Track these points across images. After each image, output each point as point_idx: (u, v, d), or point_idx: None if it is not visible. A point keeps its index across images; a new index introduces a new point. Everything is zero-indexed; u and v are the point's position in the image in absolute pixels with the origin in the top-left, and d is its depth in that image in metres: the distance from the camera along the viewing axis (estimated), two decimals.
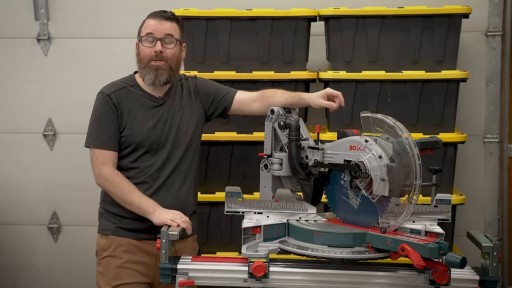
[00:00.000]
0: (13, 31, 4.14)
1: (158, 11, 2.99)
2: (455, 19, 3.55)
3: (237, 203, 2.55)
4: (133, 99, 2.95)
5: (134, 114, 2.93)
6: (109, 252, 2.95)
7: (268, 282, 2.31)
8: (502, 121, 4.00)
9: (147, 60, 2.92)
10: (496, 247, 2.35)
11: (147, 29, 2.94)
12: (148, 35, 2.92)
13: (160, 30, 2.92)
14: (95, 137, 2.93)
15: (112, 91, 2.95)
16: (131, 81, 3.01)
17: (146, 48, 2.92)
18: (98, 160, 2.92)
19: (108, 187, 2.90)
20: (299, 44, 3.61)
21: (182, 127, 2.99)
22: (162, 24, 2.93)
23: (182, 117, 3.00)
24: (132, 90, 2.97)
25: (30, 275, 4.32)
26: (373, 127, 2.34)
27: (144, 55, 2.93)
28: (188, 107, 3.03)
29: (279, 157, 2.59)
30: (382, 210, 2.32)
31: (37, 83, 4.16)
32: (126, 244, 2.93)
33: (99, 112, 2.95)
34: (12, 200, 4.25)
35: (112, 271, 2.93)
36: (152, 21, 2.94)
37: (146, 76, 2.93)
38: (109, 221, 2.98)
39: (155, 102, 2.97)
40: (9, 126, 4.21)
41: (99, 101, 2.96)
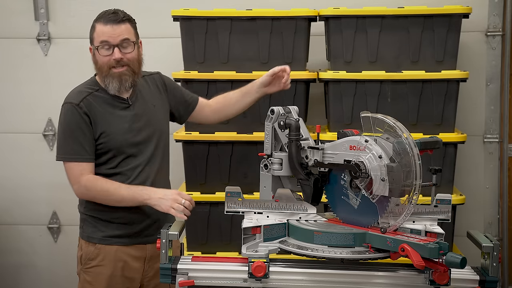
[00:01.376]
0: (13, 31, 4.14)
1: (108, 14, 2.86)
2: (455, 19, 3.55)
3: (237, 203, 2.54)
4: (102, 104, 2.87)
5: (106, 119, 2.85)
6: (98, 262, 2.91)
7: (268, 282, 2.31)
8: (502, 121, 4.00)
9: (107, 68, 2.84)
10: (496, 247, 2.34)
11: (100, 36, 2.82)
12: (103, 43, 2.82)
13: (115, 36, 2.81)
14: (68, 150, 2.83)
15: (80, 99, 2.84)
16: (94, 85, 2.92)
17: (104, 57, 2.83)
18: (75, 173, 2.83)
19: (92, 195, 2.83)
20: (299, 44, 3.61)
21: (158, 124, 2.98)
22: (115, 29, 2.82)
23: (156, 114, 2.98)
24: (98, 95, 2.88)
25: (30, 275, 4.32)
26: (373, 127, 2.33)
27: (102, 63, 2.84)
28: (158, 103, 3.02)
29: (279, 157, 2.59)
30: (382, 210, 2.32)
31: (37, 83, 4.16)
32: (114, 252, 2.90)
33: (69, 124, 2.83)
34: (12, 200, 4.25)
35: (104, 281, 2.90)
36: (104, 28, 2.82)
37: (110, 84, 2.84)
38: (95, 228, 2.92)
39: (124, 104, 2.91)
40: (9, 126, 4.21)
41: (67, 112, 2.84)
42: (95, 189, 2.81)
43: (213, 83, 3.59)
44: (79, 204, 3.00)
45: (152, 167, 2.93)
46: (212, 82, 3.59)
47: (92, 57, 2.90)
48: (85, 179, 2.81)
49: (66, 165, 2.87)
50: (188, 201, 2.75)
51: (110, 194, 2.81)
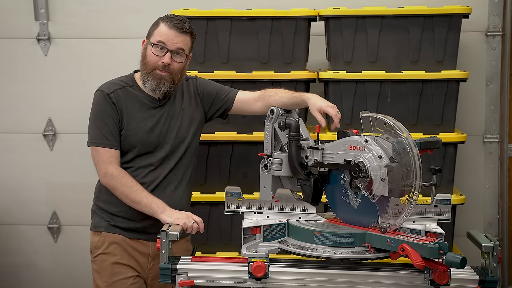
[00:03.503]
0: (13, 31, 4.14)
1: (177, 20, 2.88)
2: (455, 19, 3.55)
3: (237, 203, 2.55)
4: (132, 100, 2.91)
5: (132, 115, 2.90)
6: (103, 249, 2.94)
7: (268, 282, 2.31)
8: (502, 121, 4.00)
9: (152, 67, 2.86)
10: (496, 247, 2.35)
11: (160, 36, 2.85)
12: (160, 43, 2.84)
13: (173, 42, 2.85)
14: (99, 136, 2.88)
15: (111, 90, 2.90)
16: (130, 81, 2.96)
17: (155, 56, 2.85)
18: (104, 159, 2.86)
19: (115, 185, 2.85)
20: (299, 44, 3.61)
21: (182, 130, 2.97)
22: (177, 36, 2.85)
23: (182, 119, 2.98)
24: (130, 90, 2.93)
25: (30, 275, 4.32)
26: (373, 127, 2.34)
27: (150, 61, 2.87)
28: (188, 109, 3.01)
29: (279, 157, 2.59)
30: (382, 210, 2.32)
31: (37, 83, 4.16)
32: (119, 240, 2.92)
33: (99, 111, 2.89)
34: (12, 200, 4.25)
35: (108, 267, 2.92)
36: (167, 30, 2.85)
37: (148, 82, 2.88)
38: (101, 218, 2.96)
39: (154, 104, 2.94)
40: (9, 126, 4.21)
41: (98, 99, 2.91)
42: (119, 182, 2.83)
43: None
44: (94, 196, 3.05)
45: (164, 169, 2.94)
46: None
47: (143, 50, 2.92)
48: (115, 167, 2.85)
49: (94, 150, 2.89)
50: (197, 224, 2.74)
51: (131, 192, 2.82)
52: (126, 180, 2.83)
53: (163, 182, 2.93)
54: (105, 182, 2.88)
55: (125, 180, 2.83)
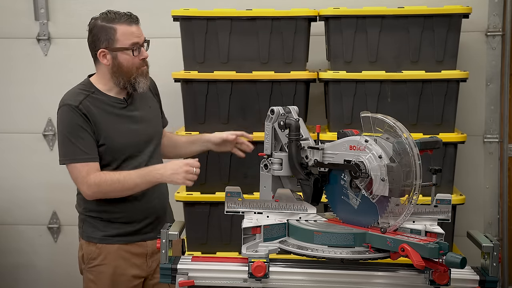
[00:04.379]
0: (13, 31, 4.14)
1: (125, 15, 2.85)
2: (455, 19, 3.56)
3: (237, 203, 2.54)
4: (99, 106, 2.84)
5: (105, 121, 2.83)
6: (100, 261, 2.91)
7: (268, 282, 2.31)
8: (502, 121, 4.00)
9: (136, 69, 2.84)
10: (496, 247, 2.34)
11: (131, 38, 2.81)
12: (135, 44, 2.82)
13: (141, 36, 2.86)
14: (75, 151, 2.78)
15: (79, 101, 2.80)
16: (89, 87, 2.89)
17: (134, 58, 2.82)
18: (82, 174, 2.78)
19: (104, 190, 2.78)
20: (299, 44, 3.61)
21: (155, 125, 3.02)
22: (138, 29, 2.87)
23: (152, 114, 3.01)
24: (95, 97, 2.86)
25: (30, 275, 4.32)
26: (373, 127, 2.33)
27: (132, 65, 2.83)
28: (153, 105, 3.05)
29: (279, 157, 2.59)
30: (382, 210, 2.32)
31: (37, 83, 4.16)
32: (115, 250, 2.90)
33: (71, 125, 2.78)
34: (12, 200, 4.25)
35: (107, 279, 2.91)
36: (131, 28, 2.82)
37: (139, 84, 2.84)
38: (95, 228, 2.91)
39: (121, 104, 2.90)
40: (9, 126, 4.21)
41: (67, 114, 2.79)
42: (105, 183, 2.76)
43: (213, 83, 3.60)
44: (77, 205, 2.99)
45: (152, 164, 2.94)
46: (212, 82, 3.59)
47: (110, 61, 2.83)
48: (93, 176, 2.76)
49: (71, 167, 2.81)
50: (198, 168, 2.76)
51: (122, 183, 2.77)
52: (110, 177, 2.77)
53: None
54: (93, 195, 2.80)
55: (110, 179, 2.77)
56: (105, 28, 2.83)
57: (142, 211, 2.91)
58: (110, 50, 2.83)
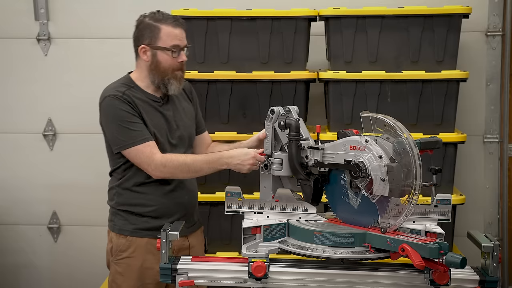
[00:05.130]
0: (13, 31, 4.14)
1: (173, 17, 2.89)
2: (455, 19, 3.56)
3: (237, 203, 2.54)
4: (140, 100, 2.90)
5: (146, 113, 2.88)
6: (129, 253, 2.93)
7: (268, 282, 2.31)
8: (502, 121, 4.00)
9: (171, 71, 2.88)
10: (496, 247, 2.34)
11: (173, 39, 2.85)
12: (176, 46, 2.86)
13: (183, 40, 2.89)
14: (132, 135, 2.81)
15: (122, 92, 2.85)
16: (129, 82, 2.94)
17: (172, 59, 2.86)
18: (147, 154, 2.80)
19: (170, 171, 2.81)
20: (299, 44, 3.61)
21: (188, 128, 3.02)
22: (182, 33, 2.89)
23: (186, 118, 3.02)
24: (133, 91, 2.91)
25: (30, 275, 4.32)
26: (373, 127, 2.33)
27: (169, 66, 2.87)
28: (187, 109, 3.05)
29: (279, 157, 2.59)
30: (382, 210, 2.32)
31: (37, 83, 4.16)
32: (145, 244, 2.92)
33: (120, 113, 2.82)
34: (12, 200, 4.25)
35: (135, 272, 2.92)
36: (175, 31, 2.86)
37: (171, 85, 2.88)
38: (126, 221, 2.94)
39: (157, 103, 2.94)
40: (9, 126, 4.21)
41: (113, 103, 2.83)
42: (172, 164, 2.80)
43: (213, 83, 3.60)
44: (109, 200, 3.03)
45: None
46: (212, 82, 3.60)
47: (150, 57, 2.88)
48: (160, 156, 2.80)
49: (134, 151, 2.82)
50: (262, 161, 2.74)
51: (188, 166, 2.81)
52: (177, 159, 2.81)
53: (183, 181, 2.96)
54: (160, 174, 2.83)
55: (176, 161, 2.81)
56: (151, 26, 2.88)
57: (172, 206, 2.93)
58: (151, 48, 2.88)
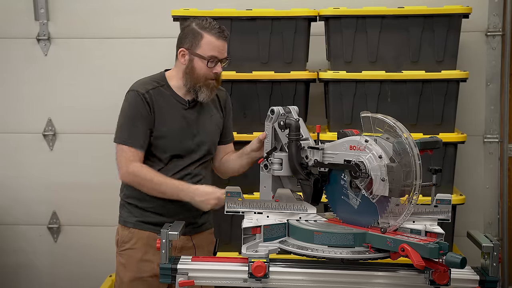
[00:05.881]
0: (13, 31, 4.14)
1: (217, 28, 2.90)
2: (455, 19, 3.56)
3: (237, 203, 2.54)
4: (163, 100, 2.93)
5: (163, 115, 2.92)
6: (131, 245, 2.98)
7: (268, 282, 2.31)
8: (502, 121, 4.00)
9: (204, 79, 2.90)
10: (496, 247, 2.34)
11: (213, 50, 2.88)
12: (214, 58, 2.88)
13: (223, 52, 2.91)
14: (127, 135, 2.90)
15: (146, 90, 2.90)
16: (161, 80, 2.97)
17: (208, 68, 2.88)
18: (127, 156, 2.89)
19: (137, 181, 2.89)
20: (299, 44, 3.61)
21: (212, 134, 3.03)
22: (224, 46, 2.92)
23: (211, 124, 3.03)
24: (162, 90, 2.94)
25: (30, 275, 4.32)
26: (373, 127, 2.33)
27: (203, 74, 2.89)
28: (215, 115, 3.06)
29: (279, 157, 2.59)
30: (382, 210, 2.32)
31: (37, 83, 4.16)
32: (146, 237, 2.96)
33: (131, 111, 2.90)
34: (12, 200, 4.25)
35: (134, 264, 2.96)
36: (217, 42, 2.89)
37: (202, 93, 2.91)
38: (130, 213, 2.99)
39: (183, 105, 2.96)
40: (9, 126, 4.21)
41: (132, 99, 2.90)
42: (140, 177, 2.87)
43: None
44: (120, 192, 3.07)
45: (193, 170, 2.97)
46: None
47: (187, 62, 2.91)
48: (134, 165, 2.88)
49: (120, 148, 2.91)
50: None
51: (153, 185, 2.87)
52: (148, 174, 2.87)
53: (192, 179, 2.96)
54: (127, 180, 2.92)
55: (147, 175, 2.87)
56: (195, 31, 2.90)
57: (175, 207, 2.94)
58: (190, 53, 2.90)
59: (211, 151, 3.05)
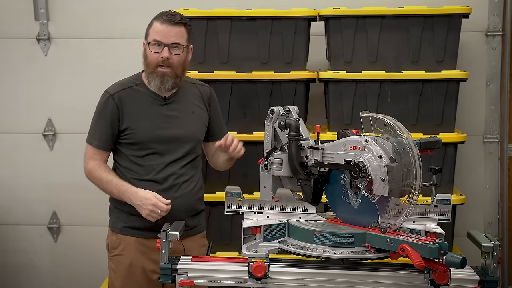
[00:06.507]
0: (13, 31, 4.14)
1: (167, 14, 2.92)
2: (455, 19, 3.56)
3: (237, 203, 2.54)
4: (137, 99, 2.95)
5: (137, 113, 2.93)
6: (119, 251, 2.98)
7: (268, 282, 2.31)
8: (502, 121, 4.00)
9: (154, 66, 2.90)
10: (496, 247, 2.34)
11: (154, 34, 2.89)
12: (156, 41, 2.88)
13: (168, 36, 2.88)
14: (90, 133, 2.99)
15: (116, 91, 2.95)
16: (137, 79, 3.00)
17: (153, 54, 2.89)
18: (88, 154, 2.99)
19: (92, 180, 2.98)
20: (299, 44, 3.61)
21: (193, 131, 3.01)
22: (170, 30, 2.89)
23: (193, 121, 3.01)
24: (137, 89, 2.96)
25: (30, 275, 4.32)
26: (373, 127, 2.33)
27: (151, 60, 2.91)
28: (198, 112, 3.04)
29: (279, 157, 2.59)
30: (382, 210, 2.32)
31: (37, 83, 4.16)
32: (134, 242, 2.95)
33: (99, 111, 2.98)
34: (12, 200, 4.25)
35: (124, 269, 2.97)
36: (160, 26, 2.89)
37: (153, 81, 2.92)
38: (118, 218, 3.00)
39: (159, 101, 2.96)
40: (9, 126, 4.21)
41: (101, 100, 2.98)
42: (93, 175, 2.96)
43: (213, 83, 3.57)
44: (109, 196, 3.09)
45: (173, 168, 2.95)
46: (212, 82, 3.57)
47: (143, 51, 2.96)
48: (90, 163, 2.97)
49: (87, 145, 3.01)
50: (164, 211, 2.82)
51: (102, 184, 2.95)
52: (99, 174, 2.94)
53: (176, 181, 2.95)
54: (88, 178, 3.01)
55: (97, 174, 2.94)
56: (150, 22, 2.97)
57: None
58: (145, 44, 2.95)
59: (195, 150, 3.02)
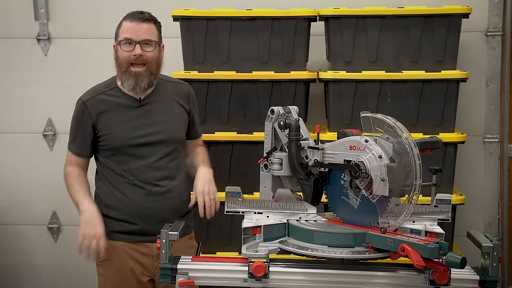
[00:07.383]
0: (13, 31, 4.15)
1: (135, 12, 2.91)
2: (455, 19, 3.56)
3: (237, 203, 2.54)
4: (110, 104, 2.91)
5: (110, 119, 2.89)
6: (107, 256, 2.94)
7: (268, 282, 2.31)
8: (502, 121, 4.00)
9: (126, 65, 2.87)
10: (496, 247, 2.34)
11: (125, 33, 2.88)
12: (126, 39, 2.86)
13: (138, 33, 2.86)
14: (70, 140, 3.02)
15: (89, 97, 2.93)
16: (111, 84, 2.97)
17: (125, 52, 2.87)
18: (67, 159, 3.04)
19: (66, 186, 3.02)
20: (299, 44, 3.61)
21: (173, 130, 2.97)
22: (140, 27, 2.87)
23: (172, 119, 2.97)
24: (110, 93, 2.93)
25: (30, 275, 4.32)
26: (373, 127, 2.33)
27: (123, 59, 2.88)
28: (177, 110, 3.00)
29: (279, 157, 2.59)
30: (382, 210, 2.32)
31: (37, 83, 4.16)
32: (121, 247, 2.93)
33: (74, 118, 2.98)
34: (12, 200, 4.25)
35: (113, 274, 2.95)
36: (129, 24, 2.88)
37: (126, 82, 2.88)
38: (104, 223, 2.92)
39: (134, 104, 2.92)
40: (9, 126, 4.21)
41: (76, 107, 2.97)
42: (67, 182, 3.01)
43: (213, 83, 3.60)
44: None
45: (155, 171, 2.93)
46: (212, 82, 3.60)
47: (114, 53, 2.94)
48: (67, 169, 3.02)
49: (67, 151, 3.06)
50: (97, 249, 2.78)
51: (71, 191, 2.98)
52: (70, 180, 2.99)
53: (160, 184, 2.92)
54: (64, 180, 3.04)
55: (68, 181, 2.99)
56: (119, 23, 2.95)
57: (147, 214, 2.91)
58: (116, 43, 2.93)
59: (177, 150, 2.98)
